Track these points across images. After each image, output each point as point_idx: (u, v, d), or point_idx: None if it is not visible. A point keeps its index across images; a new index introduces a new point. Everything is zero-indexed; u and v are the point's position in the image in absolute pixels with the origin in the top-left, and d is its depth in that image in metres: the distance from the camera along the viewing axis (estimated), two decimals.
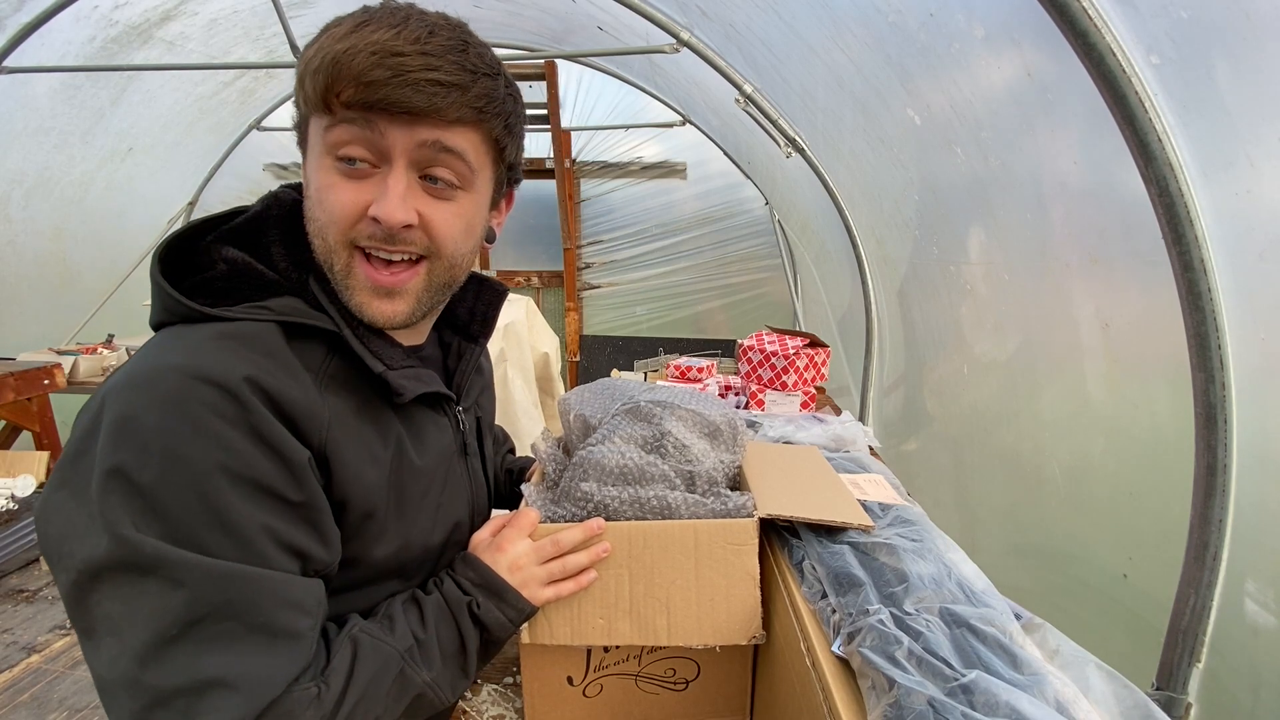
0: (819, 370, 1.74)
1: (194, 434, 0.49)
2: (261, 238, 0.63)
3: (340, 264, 0.60)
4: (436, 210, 0.61)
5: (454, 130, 0.58)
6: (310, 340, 0.60)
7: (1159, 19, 0.81)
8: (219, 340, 0.54)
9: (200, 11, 3.05)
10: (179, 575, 0.47)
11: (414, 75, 0.54)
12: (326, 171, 0.58)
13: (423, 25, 0.56)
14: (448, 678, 0.64)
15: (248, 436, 0.51)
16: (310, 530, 0.56)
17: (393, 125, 0.56)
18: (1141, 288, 1.03)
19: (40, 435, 2.61)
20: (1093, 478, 1.22)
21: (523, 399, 2.90)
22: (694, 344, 3.40)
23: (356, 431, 0.61)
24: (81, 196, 3.54)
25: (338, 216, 0.58)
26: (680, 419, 0.82)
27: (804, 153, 2.24)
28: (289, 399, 0.54)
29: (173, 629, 0.47)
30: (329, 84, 0.54)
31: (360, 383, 0.63)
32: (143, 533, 0.47)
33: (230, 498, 0.50)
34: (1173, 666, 0.94)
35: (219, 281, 0.59)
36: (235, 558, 0.50)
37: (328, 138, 0.57)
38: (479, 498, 0.80)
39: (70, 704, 1.91)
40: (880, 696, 0.50)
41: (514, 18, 3.32)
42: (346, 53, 0.53)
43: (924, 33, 1.32)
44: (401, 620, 0.63)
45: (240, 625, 0.49)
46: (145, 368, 0.51)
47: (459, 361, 0.79)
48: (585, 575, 0.71)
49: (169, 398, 0.49)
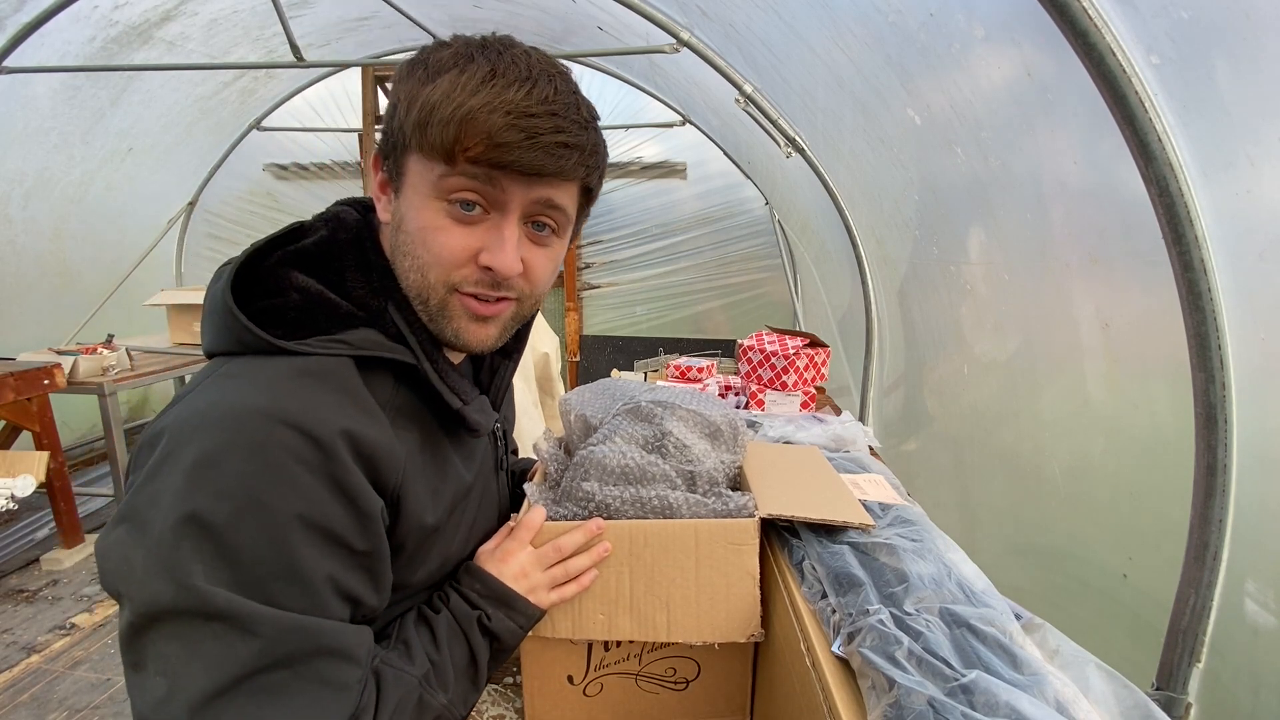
0: (819, 370, 1.74)
1: (276, 481, 0.48)
2: (333, 262, 0.61)
3: (436, 299, 0.60)
4: (536, 256, 0.62)
5: (564, 186, 0.60)
6: (380, 372, 0.60)
7: (1159, 19, 0.81)
8: (299, 379, 0.53)
9: (200, 11, 3.05)
10: (249, 626, 0.47)
11: (545, 139, 0.55)
12: (435, 213, 0.57)
13: (548, 82, 0.56)
14: (461, 694, 0.64)
15: (326, 485, 0.51)
16: (367, 578, 0.56)
17: (515, 183, 0.57)
18: (1141, 288, 1.03)
19: (40, 435, 2.61)
20: (1093, 478, 1.22)
21: (523, 399, 2.89)
22: (694, 344, 3.40)
23: (423, 466, 0.61)
24: (81, 196, 3.55)
25: (445, 260, 0.58)
26: (681, 419, 0.82)
27: (804, 153, 2.24)
28: (371, 443, 0.54)
29: (230, 681, 0.46)
30: (459, 138, 0.54)
31: (426, 414, 0.63)
32: (212, 583, 0.46)
33: (303, 548, 0.50)
34: (1173, 666, 0.94)
35: (292, 312, 0.57)
36: (299, 608, 0.49)
37: (444, 183, 0.56)
38: (505, 510, 0.82)
39: (70, 704, 1.91)
40: (880, 696, 0.50)
41: (514, 18, 3.32)
42: (481, 110, 0.53)
43: (924, 33, 1.32)
44: (417, 645, 0.62)
45: (296, 678, 0.49)
46: (224, 406, 0.50)
47: (493, 377, 0.78)
48: (586, 576, 0.72)
49: (253, 443, 0.48)
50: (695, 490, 0.77)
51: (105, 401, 2.65)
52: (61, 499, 2.70)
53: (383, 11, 2.76)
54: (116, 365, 2.82)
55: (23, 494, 2.32)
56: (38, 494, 2.49)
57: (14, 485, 2.30)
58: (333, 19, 3.46)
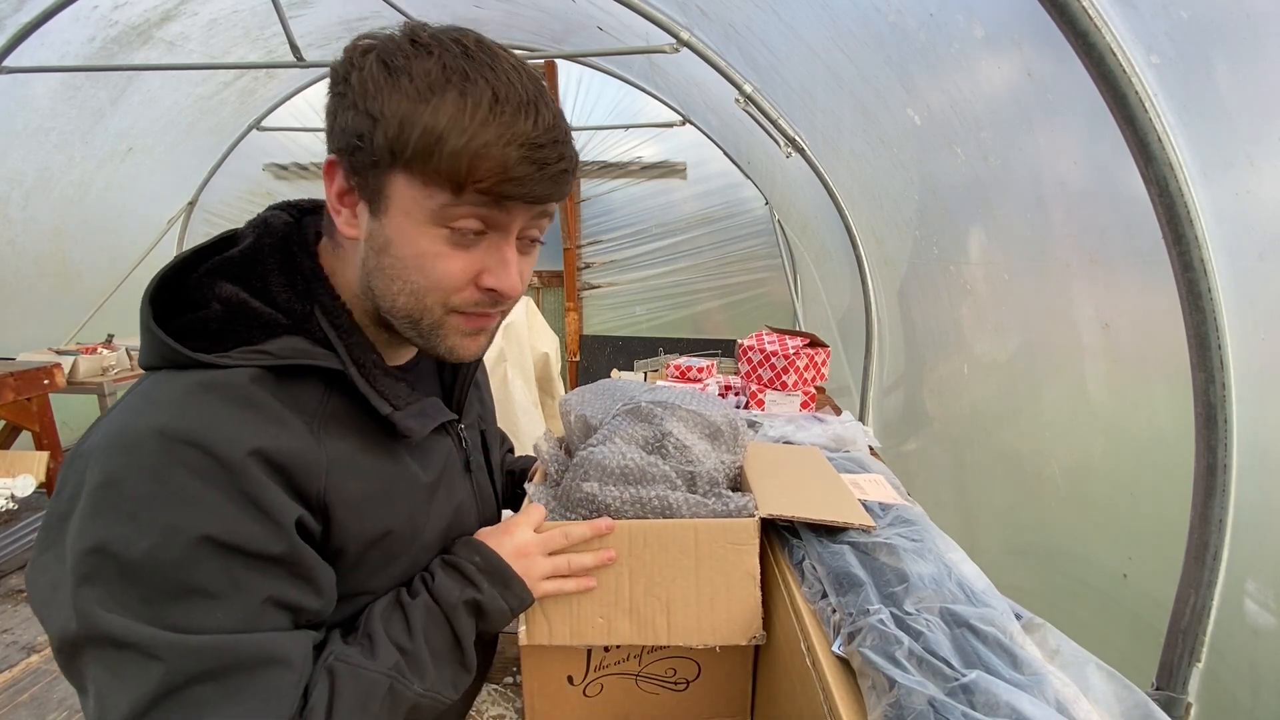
0: (819, 370, 1.74)
1: (178, 502, 0.48)
2: (257, 268, 0.60)
3: (430, 320, 0.60)
4: (525, 265, 0.62)
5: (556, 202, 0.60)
6: (305, 380, 0.58)
7: (1159, 19, 0.81)
8: (200, 394, 0.52)
9: (200, 11, 3.05)
10: (149, 651, 0.47)
11: (552, 169, 0.55)
12: (433, 240, 0.56)
13: (545, 104, 0.55)
14: (447, 678, 0.63)
15: (233, 500, 0.50)
16: (301, 584, 0.55)
17: (520, 208, 0.57)
18: (1141, 288, 1.03)
19: (40, 435, 2.61)
20: (1093, 478, 1.22)
21: (523, 399, 2.90)
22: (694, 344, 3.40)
23: (361, 471, 0.60)
24: (81, 196, 3.55)
25: (445, 284, 0.58)
26: (681, 419, 0.82)
27: (804, 153, 2.24)
28: (283, 453, 0.53)
29: (147, 703, 0.47)
30: (471, 170, 0.52)
31: (364, 419, 0.61)
32: (113, 612, 0.47)
33: (214, 566, 0.49)
34: (1173, 666, 0.94)
35: (214, 323, 0.56)
36: (218, 626, 0.49)
37: (447, 212, 0.55)
38: (487, 512, 0.80)
39: (70, 704, 1.91)
40: (880, 696, 0.50)
41: (514, 18, 3.32)
42: (496, 143, 0.52)
43: (924, 33, 1.32)
44: (382, 637, 0.60)
45: (219, 689, 0.49)
46: (127, 428, 0.50)
47: (455, 375, 0.78)
48: (587, 579, 0.71)
49: (152, 465, 0.48)
50: (696, 491, 0.77)
51: (105, 401, 2.65)
52: None
53: (383, 11, 2.76)
54: (116, 365, 2.82)
55: (23, 494, 2.32)
56: (38, 494, 2.49)
57: (14, 485, 2.30)
58: (333, 19, 3.46)
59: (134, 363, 2.98)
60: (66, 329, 3.51)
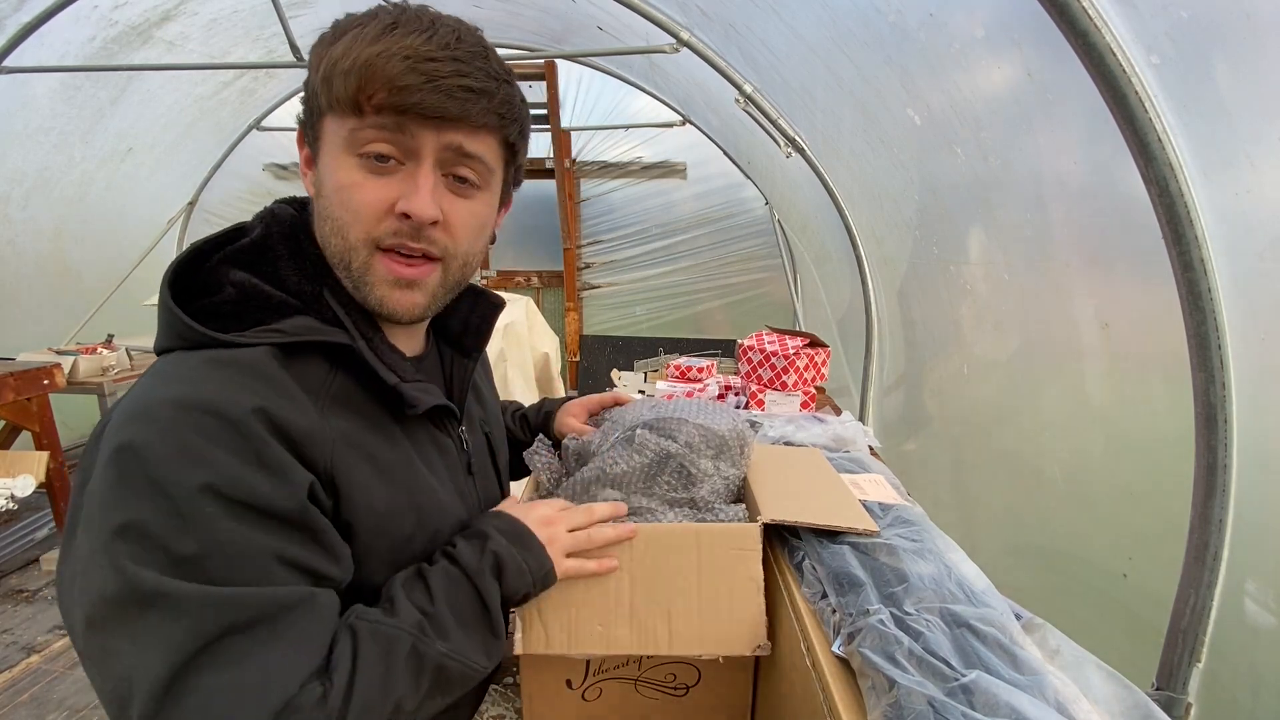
0: (819, 370, 1.74)
1: (191, 464, 0.49)
2: (267, 255, 0.62)
3: (359, 261, 0.61)
4: (457, 207, 0.62)
5: (477, 135, 0.60)
6: (311, 360, 0.60)
7: (1159, 19, 0.81)
8: (211, 367, 0.54)
9: (200, 11, 3.05)
10: (185, 606, 0.47)
11: (446, 82, 0.56)
12: (350, 170, 0.58)
13: (450, 31, 0.57)
14: (476, 642, 0.61)
15: (247, 462, 0.51)
16: (318, 549, 0.55)
17: (423, 128, 0.57)
18: (1141, 288, 1.03)
19: (40, 435, 2.60)
20: (1093, 478, 1.22)
21: (523, 399, 2.90)
22: (694, 344, 3.40)
23: (365, 451, 0.60)
24: (81, 196, 3.54)
25: (363, 214, 0.59)
26: (687, 437, 0.81)
27: (804, 153, 2.24)
28: (288, 421, 0.54)
29: (184, 659, 0.47)
30: (361, 86, 0.55)
31: (366, 400, 0.62)
32: (146, 567, 0.47)
33: (229, 523, 0.50)
34: (1173, 666, 0.94)
35: (228, 306, 0.59)
36: (241, 581, 0.50)
37: (355, 137, 0.57)
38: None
39: (70, 704, 1.91)
40: (880, 696, 0.50)
41: (514, 18, 3.32)
42: (380, 56, 0.54)
43: (924, 32, 1.32)
44: (403, 600, 0.60)
45: (249, 640, 0.49)
46: (142, 401, 0.52)
47: (454, 375, 0.78)
48: (607, 561, 0.70)
49: (166, 431, 0.49)
50: (695, 508, 0.77)
51: (105, 401, 2.65)
52: (61, 499, 2.69)
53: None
54: (116, 365, 2.82)
55: (23, 494, 2.32)
56: (38, 494, 2.49)
57: (14, 485, 2.30)
58: (332, 19, 3.45)
59: (134, 363, 2.98)
60: (66, 329, 3.51)
